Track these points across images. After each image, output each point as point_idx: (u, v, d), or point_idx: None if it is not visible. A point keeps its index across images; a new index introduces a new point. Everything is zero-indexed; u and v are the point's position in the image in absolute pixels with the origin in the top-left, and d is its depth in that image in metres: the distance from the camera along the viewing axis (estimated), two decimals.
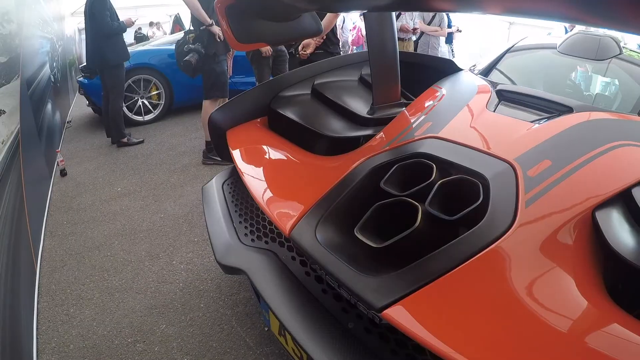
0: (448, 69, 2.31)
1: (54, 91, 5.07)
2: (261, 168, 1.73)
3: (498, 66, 2.44)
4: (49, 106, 4.40)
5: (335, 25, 3.37)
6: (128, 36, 5.68)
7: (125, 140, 4.56)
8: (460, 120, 1.57)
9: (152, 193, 3.40)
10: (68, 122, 5.59)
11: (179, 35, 5.08)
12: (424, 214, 1.08)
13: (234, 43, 1.78)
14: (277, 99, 2.08)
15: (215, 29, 3.54)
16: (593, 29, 2.49)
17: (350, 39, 8.07)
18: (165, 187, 3.50)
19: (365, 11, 1.82)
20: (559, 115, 1.55)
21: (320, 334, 1.09)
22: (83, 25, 4.83)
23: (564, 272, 0.98)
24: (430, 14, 5.58)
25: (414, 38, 5.50)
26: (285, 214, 1.34)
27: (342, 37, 8.08)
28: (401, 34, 5.10)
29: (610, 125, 1.54)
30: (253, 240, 1.53)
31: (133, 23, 4.58)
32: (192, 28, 3.69)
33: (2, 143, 2.15)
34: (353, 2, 1.56)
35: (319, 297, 1.21)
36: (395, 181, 1.26)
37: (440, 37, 5.91)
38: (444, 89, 1.93)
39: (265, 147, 1.87)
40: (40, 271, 2.40)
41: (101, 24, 4.14)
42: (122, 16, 4.43)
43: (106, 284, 2.27)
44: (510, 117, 1.57)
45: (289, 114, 1.94)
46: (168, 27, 11.21)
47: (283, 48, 4.14)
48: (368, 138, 1.72)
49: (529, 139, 1.37)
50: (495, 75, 2.33)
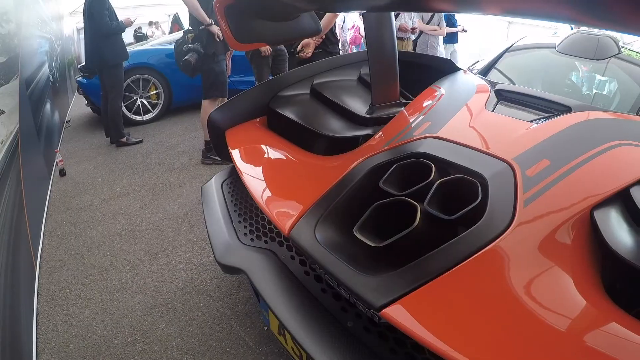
0: (447, 68, 2.31)
1: (53, 91, 5.06)
2: (260, 168, 1.73)
3: (497, 66, 2.44)
4: (48, 106, 4.39)
5: (335, 24, 3.37)
6: (128, 35, 5.67)
7: (124, 140, 4.56)
8: (459, 120, 1.57)
9: (151, 193, 3.40)
10: (67, 122, 5.59)
11: (178, 34, 5.08)
12: (423, 214, 1.08)
13: (233, 43, 1.79)
14: (276, 99, 2.08)
15: (215, 29, 3.54)
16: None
17: (349, 38, 8.08)
18: (165, 187, 3.50)
19: (364, 11, 1.83)
20: (558, 114, 1.55)
21: (319, 333, 1.09)
22: (82, 25, 4.82)
23: (563, 272, 0.98)
24: (429, 13, 5.59)
25: (412, 37, 5.51)
26: (285, 213, 1.34)
27: (342, 37, 8.09)
28: (400, 33, 5.11)
29: (608, 125, 1.54)
30: (252, 239, 1.53)
31: (132, 23, 4.58)
32: (191, 28, 3.69)
33: (2, 143, 2.15)
34: (352, 2, 1.56)
35: (318, 296, 1.21)
36: (394, 181, 1.26)
37: (439, 37, 5.92)
38: (443, 88, 1.93)
39: (264, 147, 1.87)
40: (39, 271, 2.40)
41: (100, 24, 4.13)
42: (121, 16, 4.43)
43: (106, 284, 2.27)
44: (508, 117, 1.58)
45: (288, 113, 1.94)
46: (167, 27, 11.20)
47: (282, 47, 4.14)
48: (367, 138, 1.72)
49: (527, 139, 1.37)
50: (494, 75, 2.33)
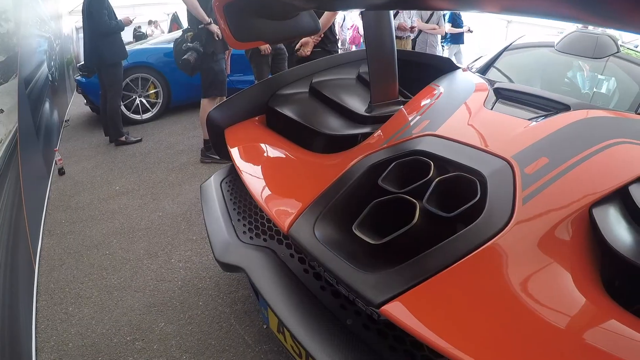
0: (446, 67, 2.32)
1: (52, 90, 5.06)
2: (259, 166, 1.72)
3: (496, 64, 2.44)
4: (47, 105, 4.38)
5: (334, 23, 3.37)
6: (127, 35, 5.67)
7: (123, 139, 4.56)
8: (457, 118, 1.58)
9: (151, 192, 3.40)
10: (66, 121, 5.58)
11: (177, 33, 5.07)
12: (422, 211, 1.08)
13: (232, 41, 1.79)
14: (275, 97, 2.07)
15: (214, 28, 3.54)
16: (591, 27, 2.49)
17: (349, 37, 8.08)
18: (164, 186, 3.50)
19: (363, 9, 1.83)
20: (557, 113, 1.55)
21: (318, 331, 1.09)
22: (80, 24, 4.82)
23: (561, 269, 0.98)
24: (428, 12, 5.60)
25: (412, 36, 5.51)
26: (284, 211, 1.34)
27: (341, 36, 8.10)
28: (399, 32, 5.11)
29: (607, 123, 1.54)
30: (251, 237, 1.53)
31: (131, 22, 4.58)
32: (190, 27, 3.68)
33: (1, 142, 2.15)
34: (351, 1, 1.56)
35: (317, 294, 1.21)
36: (393, 178, 1.26)
37: (438, 36, 5.93)
38: (442, 87, 1.93)
39: (263, 145, 1.87)
40: (38, 270, 2.39)
41: (99, 23, 4.13)
42: (120, 15, 4.43)
43: (105, 283, 2.27)
44: (507, 115, 1.58)
45: (287, 112, 1.94)
46: (165, 26, 11.18)
47: (282, 46, 4.13)
48: (366, 136, 1.72)
49: (526, 137, 1.38)
50: (492, 74, 2.34)
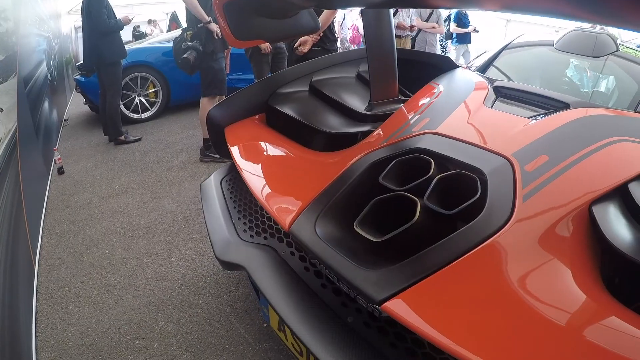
0: (445, 65, 2.32)
1: (51, 89, 5.05)
2: (260, 164, 1.73)
3: (495, 63, 2.44)
4: (46, 104, 4.38)
5: (333, 22, 3.37)
6: (126, 34, 5.67)
7: (122, 138, 4.56)
8: (457, 117, 1.58)
9: (150, 190, 3.40)
10: (65, 121, 5.58)
11: (176, 33, 5.07)
12: (423, 209, 1.08)
13: (232, 40, 1.78)
14: (275, 96, 2.08)
15: (213, 27, 3.54)
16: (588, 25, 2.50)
17: (349, 36, 8.09)
18: (163, 185, 3.50)
19: (362, 8, 1.83)
20: (556, 111, 1.56)
21: (319, 328, 1.09)
22: (79, 23, 4.82)
23: (562, 266, 0.99)
24: (428, 11, 5.60)
25: (411, 35, 5.52)
26: (285, 209, 1.34)
27: (341, 34, 8.10)
28: (398, 31, 5.12)
29: (606, 121, 1.54)
30: (252, 236, 1.53)
31: (130, 21, 4.57)
32: (189, 26, 3.68)
33: (0, 141, 2.15)
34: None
35: (318, 292, 1.22)
36: (393, 176, 1.26)
37: (437, 35, 5.94)
38: (442, 85, 1.93)
39: (263, 144, 1.87)
40: (38, 269, 2.39)
41: (98, 22, 4.13)
42: (119, 14, 4.43)
43: (105, 282, 2.27)
44: (507, 113, 1.58)
45: (287, 110, 1.94)
46: (164, 25, 11.18)
47: (282, 45, 4.13)
48: (366, 134, 1.72)
49: (526, 135, 1.38)
50: (492, 72, 2.34)
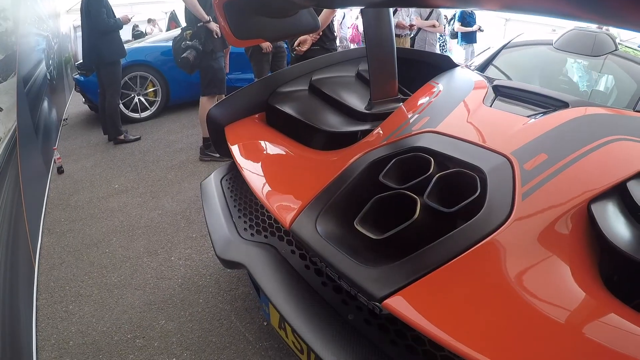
0: (445, 65, 2.32)
1: (50, 89, 5.05)
2: (260, 163, 1.73)
3: (494, 62, 2.45)
4: (46, 104, 4.38)
5: (332, 21, 3.37)
6: (126, 33, 5.66)
7: (122, 137, 4.56)
8: (457, 115, 1.58)
9: (150, 190, 3.40)
10: (64, 120, 5.57)
11: (175, 32, 5.08)
12: (423, 207, 1.09)
13: (232, 39, 1.79)
14: (275, 95, 2.08)
15: (213, 26, 3.54)
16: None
17: (349, 35, 8.11)
18: (163, 184, 3.50)
19: (362, 7, 1.83)
20: (555, 110, 1.56)
21: (320, 326, 1.10)
22: (78, 23, 4.82)
23: (561, 264, 0.99)
24: (427, 10, 5.60)
25: (411, 34, 5.53)
26: (286, 207, 1.34)
27: (340, 33, 8.11)
28: (397, 30, 5.13)
29: (605, 120, 1.55)
30: (252, 234, 1.54)
31: (129, 20, 4.58)
32: (188, 25, 3.68)
33: (0, 140, 2.15)
34: None
35: (318, 290, 1.22)
36: (393, 175, 1.27)
37: (437, 34, 5.95)
38: (441, 84, 1.94)
39: (263, 143, 1.87)
40: (38, 268, 2.39)
41: (97, 21, 4.13)
42: (118, 13, 4.43)
43: (105, 281, 2.27)
44: (506, 112, 1.58)
45: (287, 109, 1.95)
46: (163, 24, 11.17)
47: (282, 44, 4.14)
48: (366, 133, 1.72)
49: (525, 133, 1.38)
50: (491, 71, 2.34)
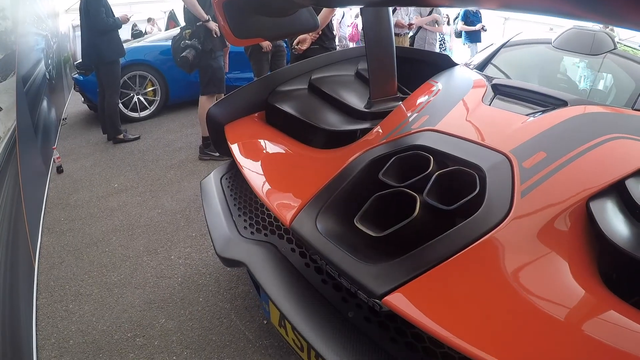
0: (444, 63, 2.33)
1: (49, 88, 5.05)
2: (260, 161, 1.73)
3: (493, 61, 2.45)
4: (45, 103, 4.38)
5: (332, 20, 3.38)
6: (125, 33, 5.66)
7: (121, 136, 4.56)
8: (456, 114, 1.59)
9: (149, 189, 3.40)
10: (64, 120, 5.57)
11: (175, 31, 5.07)
12: (422, 204, 1.09)
13: (232, 39, 1.79)
14: (275, 94, 2.08)
15: (212, 25, 3.54)
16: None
17: (348, 34, 8.11)
18: (162, 183, 3.50)
19: (361, 6, 1.83)
20: (554, 108, 1.56)
21: (320, 323, 1.10)
22: (77, 22, 4.81)
23: (560, 261, 1.00)
24: (427, 9, 5.60)
25: (410, 33, 5.53)
26: (286, 205, 1.35)
27: (339, 32, 8.11)
28: (396, 29, 5.14)
29: (604, 119, 1.56)
30: (252, 233, 1.54)
31: (128, 19, 4.57)
32: (187, 24, 3.68)
33: (0, 139, 2.15)
34: None
35: (318, 288, 1.23)
36: (393, 173, 1.27)
37: (437, 33, 5.95)
38: (440, 83, 1.94)
39: (263, 141, 1.88)
40: (38, 268, 2.39)
41: (96, 21, 4.13)
42: (117, 12, 4.43)
43: (105, 280, 2.28)
44: (505, 111, 1.59)
45: (287, 108, 1.95)
46: (162, 24, 11.17)
47: (282, 43, 4.14)
48: (365, 131, 1.73)
49: (524, 132, 1.39)
50: (490, 70, 2.35)
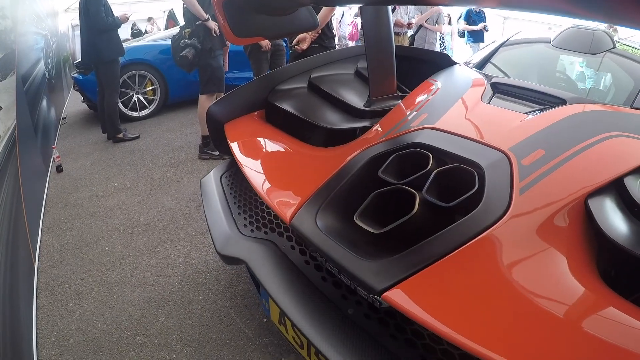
0: (443, 62, 2.33)
1: (49, 87, 5.04)
2: (260, 160, 1.74)
3: (492, 60, 2.46)
4: (44, 102, 4.38)
5: (331, 19, 3.38)
6: (125, 32, 5.65)
7: (120, 135, 4.56)
8: (455, 112, 1.59)
9: (149, 188, 3.40)
10: (63, 119, 5.56)
11: (174, 30, 5.07)
12: (421, 201, 1.10)
13: (232, 38, 1.79)
14: (274, 92, 2.09)
15: (212, 24, 3.54)
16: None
17: (348, 33, 8.13)
18: (162, 182, 3.50)
19: (361, 5, 1.84)
20: (553, 107, 1.57)
21: (320, 320, 1.11)
22: (77, 22, 4.81)
23: (558, 257, 1.00)
24: (427, 8, 5.60)
25: (409, 33, 5.53)
26: (286, 202, 1.35)
27: (340, 31, 8.12)
28: (396, 28, 5.14)
29: (602, 117, 1.56)
30: (252, 230, 1.55)
31: (128, 19, 4.57)
32: (187, 23, 3.69)
33: (0, 139, 2.15)
34: None
35: (318, 285, 1.23)
36: (392, 170, 1.28)
37: (437, 33, 5.96)
38: (439, 82, 1.95)
39: (263, 139, 1.88)
40: (38, 267, 2.40)
41: (96, 20, 4.13)
42: (117, 12, 4.43)
43: (105, 278, 2.28)
44: (504, 109, 1.59)
45: (286, 106, 1.96)
46: (162, 23, 11.18)
47: (281, 42, 4.15)
48: (364, 130, 1.73)
49: (523, 130, 1.39)
50: (489, 69, 2.35)
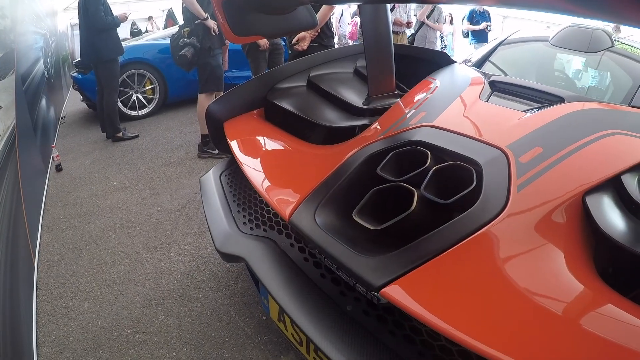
0: (442, 61, 2.34)
1: (48, 87, 5.04)
2: (259, 158, 1.74)
3: (491, 58, 2.46)
4: (44, 102, 4.38)
5: (330, 18, 3.39)
6: (125, 31, 5.65)
7: (120, 135, 4.57)
8: (454, 110, 1.60)
9: (149, 187, 3.41)
10: (62, 118, 5.57)
11: (173, 29, 5.07)
12: (420, 198, 1.10)
13: (231, 36, 1.79)
14: (274, 91, 2.09)
15: (211, 23, 3.55)
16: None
17: (348, 32, 8.14)
18: (162, 181, 3.51)
19: (360, 3, 1.84)
20: (551, 105, 1.57)
21: (319, 317, 1.11)
22: (76, 21, 4.81)
23: (555, 253, 1.01)
24: (429, 7, 5.60)
25: (408, 32, 5.54)
26: (285, 200, 1.36)
27: (339, 30, 8.13)
28: (395, 27, 5.14)
29: (600, 115, 1.56)
30: (252, 228, 1.55)
31: (127, 18, 4.57)
32: (186, 22, 3.69)
33: None
34: None
35: (317, 282, 1.24)
36: (391, 168, 1.28)
37: (438, 32, 5.97)
38: (438, 80, 1.95)
39: (262, 138, 1.89)
40: (38, 265, 2.40)
41: (95, 19, 4.13)
42: (116, 11, 4.43)
43: (104, 277, 2.28)
44: (502, 107, 1.59)
45: (286, 105, 1.96)
46: (161, 22, 11.19)
47: (279, 41, 4.15)
48: (363, 128, 1.74)
49: (521, 127, 1.40)
50: (488, 67, 2.36)
